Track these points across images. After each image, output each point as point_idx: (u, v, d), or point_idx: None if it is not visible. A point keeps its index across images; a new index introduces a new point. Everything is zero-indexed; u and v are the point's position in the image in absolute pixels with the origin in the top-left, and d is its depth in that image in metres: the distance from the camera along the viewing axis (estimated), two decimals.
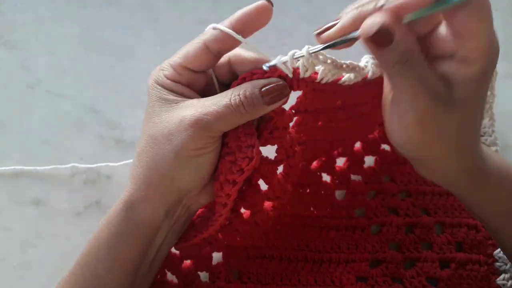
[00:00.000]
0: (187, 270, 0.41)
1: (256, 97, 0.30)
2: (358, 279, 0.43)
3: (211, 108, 0.30)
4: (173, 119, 0.31)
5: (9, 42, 0.52)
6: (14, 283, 0.43)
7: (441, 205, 0.46)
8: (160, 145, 0.31)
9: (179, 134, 0.30)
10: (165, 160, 0.31)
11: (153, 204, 0.33)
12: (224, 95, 0.31)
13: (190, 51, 0.32)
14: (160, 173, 0.32)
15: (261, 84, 0.31)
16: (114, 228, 0.33)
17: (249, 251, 0.42)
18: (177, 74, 0.32)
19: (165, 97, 0.32)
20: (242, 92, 0.30)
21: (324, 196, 0.45)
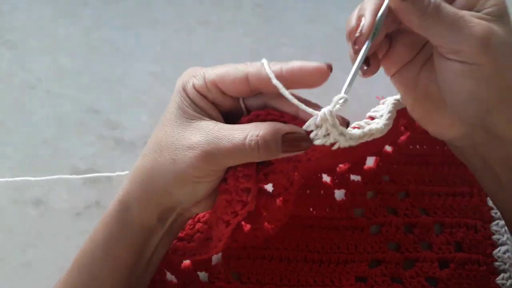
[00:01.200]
0: (187, 270, 0.41)
1: (277, 144, 0.28)
2: (357, 279, 0.43)
3: (223, 143, 0.29)
4: (183, 140, 0.30)
5: (9, 42, 0.52)
6: (15, 283, 0.43)
7: (440, 205, 0.46)
8: (163, 159, 0.30)
9: (183, 159, 0.29)
10: (164, 177, 0.31)
11: (146, 207, 0.32)
12: (241, 130, 0.29)
13: (230, 74, 0.30)
14: (156, 185, 0.31)
15: (284, 130, 0.29)
16: (109, 229, 0.33)
17: (248, 252, 0.43)
18: (206, 88, 0.30)
19: (185, 109, 0.30)
20: (262, 135, 0.28)
21: (324, 196, 0.45)
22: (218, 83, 0.30)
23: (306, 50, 0.53)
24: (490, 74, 0.29)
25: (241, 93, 0.31)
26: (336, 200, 0.45)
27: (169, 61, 0.53)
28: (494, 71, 0.28)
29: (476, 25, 0.27)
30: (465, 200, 0.46)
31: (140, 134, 0.49)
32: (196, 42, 0.54)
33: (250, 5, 0.56)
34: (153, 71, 0.51)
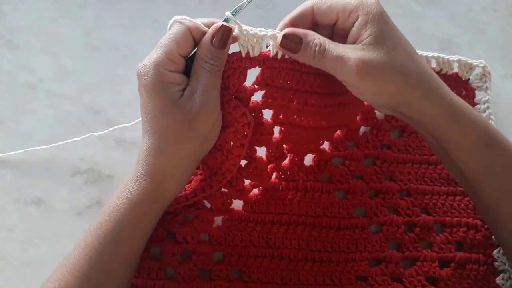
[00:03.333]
0: (188, 267, 0.41)
1: (215, 51, 0.35)
2: (357, 278, 0.43)
3: (202, 87, 0.35)
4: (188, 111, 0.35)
5: (10, 42, 0.53)
6: (15, 282, 0.43)
7: (441, 205, 0.46)
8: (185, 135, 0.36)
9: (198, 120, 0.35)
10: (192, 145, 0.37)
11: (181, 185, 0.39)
12: (199, 69, 0.36)
13: (179, 38, 0.36)
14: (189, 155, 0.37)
15: (208, 38, 0.35)
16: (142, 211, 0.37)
17: (249, 250, 0.43)
18: (175, 63, 0.36)
19: (171, 93, 0.35)
20: (205, 58, 0.35)
21: (324, 195, 0.45)
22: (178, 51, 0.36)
23: None
24: (375, 92, 0.36)
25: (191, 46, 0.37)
26: (337, 199, 0.45)
27: None
28: (377, 88, 0.35)
29: (351, 62, 0.34)
30: (466, 200, 0.46)
31: (141, 134, 0.49)
32: None
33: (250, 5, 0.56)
34: None
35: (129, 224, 0.37)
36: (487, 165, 0.38)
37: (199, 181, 0.42)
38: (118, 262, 0.37)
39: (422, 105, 0.36)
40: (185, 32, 0.36)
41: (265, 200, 0.44)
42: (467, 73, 0.49)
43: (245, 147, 0.40)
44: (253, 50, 0.37)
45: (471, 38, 0.56)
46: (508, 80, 0.53)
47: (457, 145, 0.38)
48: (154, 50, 0.36)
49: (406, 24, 0.56)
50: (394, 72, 0.35)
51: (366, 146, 0.47)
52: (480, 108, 0.49)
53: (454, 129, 0.37)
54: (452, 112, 0.37)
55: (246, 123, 0.38)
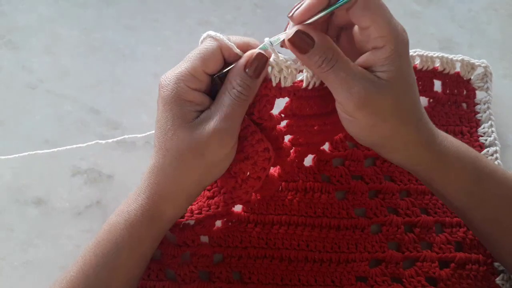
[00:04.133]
0: (187, 269, 0.41)
1: (247, 79, 0.33)
2: (357, 279, 0.43)
3: (223, 113, 0.33)
4: (199, 136, 0.33)
5: (10, 42, 0.53)
6: (15, 282, 0.43)
7: (441, 205, 0.46)
8: (190, 159, 0.34)
9: (209, 148, 0.33)
10: (198, 172, 0.35)
11: (180, 209, 0.37)
12: (223, 93, 0.33)
13: (207, 55, 0.33)
14: (192, 182, 0.35)
15: (242, 64, 0.33)
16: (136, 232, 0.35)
17: (249, 251, 0.43)
18: (198, 81, 0.34)
19: (186, 112, 0.33)
20: (235, 83, 0.33)
21: (324, 196, 0.45)
22: (204, 68, 0.34)
23: None
24: (365, 127, 0.34)
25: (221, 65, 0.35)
26: (337, 199, 0.45)
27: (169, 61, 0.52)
28: (370, 125, 0.34)
29: (355, 90, 0.32)
30: None
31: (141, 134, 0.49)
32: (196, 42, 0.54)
33: (250, 5, 0.56)
34: (154, 71, 0.51)
35: (126, 246, 0.35)
36: (477, 199, 0.37)
37: (207, 198, 0.41)
38: (116, 284, 0.36)
39: (410, 151, 0.35)
40: (215, 50, 0.33)
41: (265, 201, 0.44)
42: (468, 73, 0.49)
43: (261, 180, 0.38)
44: (285, 81, 0.35)
45: (471, 38, 0.56)
46: (508, 80, 0.53)
47: (443, 185, 0.37)
48: (180, 63, 0.34)
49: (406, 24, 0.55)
50: (396, 116, 0.33)
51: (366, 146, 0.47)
52: (481, 108, 0.49)
53: (440, 171, 0.36)
54: (438, 155, 0.36)
55: (267, 158, 0.37)
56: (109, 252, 0.35)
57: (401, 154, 0.36)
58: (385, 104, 0.33)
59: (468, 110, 0.50)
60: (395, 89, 0.33)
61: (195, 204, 0.41)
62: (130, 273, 0.37)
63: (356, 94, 0.32)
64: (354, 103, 0.32)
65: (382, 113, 0.33)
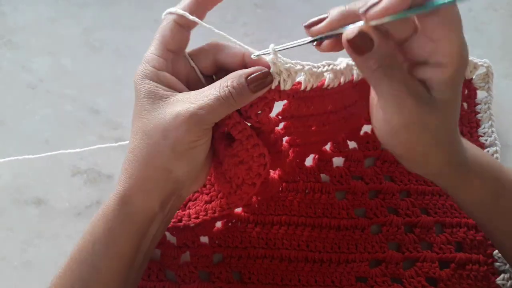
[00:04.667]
0: (187, 269, 0.41)
1: (244, 87, 0.31)
2: (357, 279, 0.43)
3: (203, 102, 0.31)
4: (167, 115, 0.31)
5: (10, 42, 0.53)
6: (15, 282, 0.43)
7: (441, 205, 0.46)
8: (156, 141, 0.32)
9: (174, 130, 0.31)
10: (162, 155, 0.32)
11: (149, 196, 0.33)
12: (213, 87, 0.32)
13: (165, 32, 0.33)
14: (157, 167, 0.33)
15: (246, 73, 0.32)
16: (110, 223, 0.33)
17: (249, 251, 0.43)
18: (162, 60, 0.33)
19: (155, 92, 0.32)
20: (230, 83, 0.31)
21: (324, 196, 0.45)
22: (165, 44, 0.33)
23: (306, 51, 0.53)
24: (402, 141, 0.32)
25: (185, 40, 0.34)
26: (337, 200, 0.45)
27: None
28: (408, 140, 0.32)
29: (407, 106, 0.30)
30: None
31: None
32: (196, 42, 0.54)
33: (250, 5, 0.56)
34: None
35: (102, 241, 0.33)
36: (497, 212, 0.36)
37: (204, 202, 0.41)
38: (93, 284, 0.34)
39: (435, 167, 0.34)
40: (171, 25, 0.33)
41: (265, 201, 0.44)
42: (470, 72, 0.49)
43: (256, 186, 0.37)
44: (285, 84, 0.33)
45: (471, 38, 0.55)
46: (508, 80, 0.53)
47: (463, 198, 0.37)
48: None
49: None
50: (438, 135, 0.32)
51: (366, 146, 0.47)
52: (481, 108, 0.49)
53: (459, 187, 0.36)
54: (460, 172, 0.35)
55: (263, 164, 0.36)
56: (86, 248, 0.34)
57: (426, 168, 0.35)
58: (432, 124, 0.31)
59: (469, 110, 0.50)
60: (445, 110, 0.31)
61: (193, 208, 0.41)
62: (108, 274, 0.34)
63: (407, 110, 0.30)
64: (403, 118, 0.31)
65: (423, 134, 0.31)
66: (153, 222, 0.35)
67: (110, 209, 0.33)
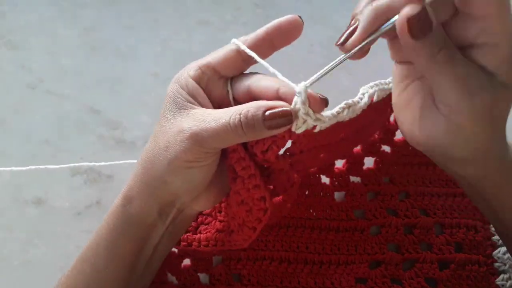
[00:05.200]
0: (187, 272, 0.41)
1: (258, 120, 0.29)
2: (357, 280, 0.43)
3: (209, 124, 0.29)
4: (174, 127, 0.31)
5: (10, 42, 0.53)
6: (15, 282, 0.43)
7: (440, 206, 0.46)
8: (158, 148, 0.32)
9: (175, 144, 0.30)
10: (159, 164, 0.32)
11: (146, 201, 0.33)
12: (226, 111, 0.30)
13: (221, 52, 0.32)
14: (154, 175, 0.32)
15: (266, 106, 0.29)
16: (112, 222, 0.34)
17: (249, 253, 0.43)
18: (199, 71, 0.32)
19: (176, 100, 0.31)
20: (244, 112, 0.29)
21: (324, 197, 0.45)
22: (213, 63, 0.32)
23: (306, 51, 0.53)
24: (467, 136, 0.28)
25: (236, 68, 0.32)
26: (336, 201, 0.45)
27: (169, 61, 0.53)
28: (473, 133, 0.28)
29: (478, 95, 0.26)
30: (465, 200, 0.46)
31: (141, 134, 0.49)
32: (196, 42, 0.54)
33: (250, 5, 0.56)
34: (153, 71, 0.51)
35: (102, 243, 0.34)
36: None
37: (216, 230, 0.40)
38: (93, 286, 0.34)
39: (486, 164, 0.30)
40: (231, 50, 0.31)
41: None
42: None
43: (256, 231, 0.35)
44: (297, 128, 0.30)
45: None
46: None
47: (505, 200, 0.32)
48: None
49: None
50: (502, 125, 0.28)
51: (366, 147, 0.47)
52: None
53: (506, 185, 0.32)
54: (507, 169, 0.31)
55: (263, 209, 0.33)
56: (91, 247, 0.34)
57: (475, 167, 0.31)
58: (503, 112, 0.28)
59: None
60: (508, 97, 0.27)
61: (204, 233, 0.40)
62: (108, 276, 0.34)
63: (479, 100, 0.26)
64: (475, 110, 0.27)
65: (494, 123, 0.28)
66: (153, 230, 0.34)
67: (114, 208, 0.34)
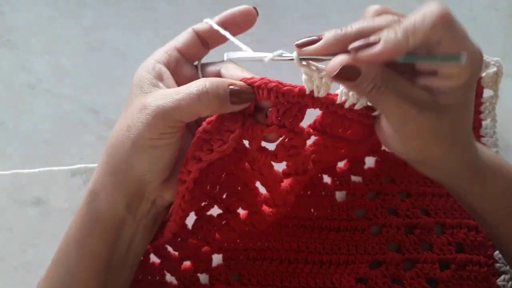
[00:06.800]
0: (187, 272, 0.41)
1: (225, 92, 0.29)
2: (357, 280, 0.43)
3: (172, 96, 0.29)
4: (136, 106, 0.30)
5: (9, 42, 0.52)
6: (15, 283, 0.43)
7: (441, 206, 0.46)
8: (121, 131, 0.31)
9: (137, 122, 0.29)
10: (122, 147, 0.30)
11: (112, 194, 0.32)
12: (190, 84, 0.30)
13: (180, 35, 0.35)
14: (117, 159, 0.31)
15: (230, 81, 0.30)
16: (80, 222, 0.33)
17: (249, 253, 0.43)
18: (168, 56, 0.34)
19: (142, 85, 0.31)
20: (209, 82, 0.29)
21: (324, 197, 0.45)
22: (174, 44, 0.34)
23: None
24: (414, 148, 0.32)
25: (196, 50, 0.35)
26: (337, 201, 0.45)
27: None
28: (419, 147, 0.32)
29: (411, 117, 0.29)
30: None
31: None
32: None
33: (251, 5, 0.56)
34: None
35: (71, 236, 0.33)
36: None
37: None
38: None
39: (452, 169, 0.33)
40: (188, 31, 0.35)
41: None
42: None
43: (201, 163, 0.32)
44: (319, 91, 0.31)
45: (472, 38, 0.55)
46: (509, 80, 0.53)
47: (478, 199, 0.35)
48: None
49: None
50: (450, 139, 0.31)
51: None
52: (486, 107, 0.49)
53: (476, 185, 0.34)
54: (476, 171, 0.34)
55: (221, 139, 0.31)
56: (62, 249, 0.33)
57: (442, 171, 0.34)
58: (441, 130, 0.30)
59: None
60: (456, 114, 0.30)
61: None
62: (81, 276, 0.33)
63: (412, 122, 0.29)
64: (410, 129, 0.30)
65: (436, 138, 0.31)
66: (124, 225, 0.33)
67: (81, 206, 0.33)
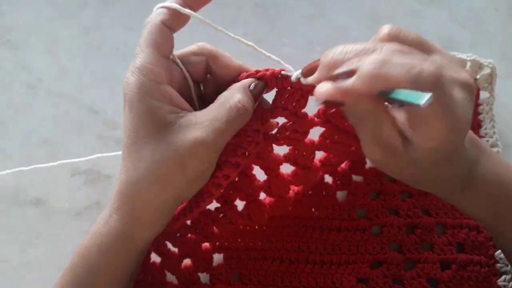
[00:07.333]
0: (187, 271, 0.41)
1: (252, 104, 0.31)
2: (358, 280, 0.43)
3: (218, 126, 0.29)
4: (180, 144, 0.28)
5: (9, 42, 0.52)
6: (15, 283, 0.43)
7: (442, 206, 0.45)
8: (168, 172, 0.29)
9: (192, 159, 0.29)
10: (175, 186, 0.30)
11: (155, 228, 0.32)
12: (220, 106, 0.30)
13: (155, 35, 0.30)
14: (168, 199, 0.30)
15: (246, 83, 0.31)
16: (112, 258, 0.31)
17: (250, 253, 0.42)
18: (160, 71, 0.29)
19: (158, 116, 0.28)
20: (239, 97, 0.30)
21: (325, 197, 0.45)
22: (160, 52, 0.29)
23: (306, 50, 0.53)
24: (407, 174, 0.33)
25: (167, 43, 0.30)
26: (338, 201, 0.45)
27: None
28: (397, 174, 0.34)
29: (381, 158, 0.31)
30: None
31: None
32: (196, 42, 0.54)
33: (250, 5, 0.56)
34: None
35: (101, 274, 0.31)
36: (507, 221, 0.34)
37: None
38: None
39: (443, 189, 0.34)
40: (160, 27, 0.30)
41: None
42: (475, 72, 0.49)
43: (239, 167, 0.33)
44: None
45: (472, 38, 0.55)
46: (508, 80, 0.53)
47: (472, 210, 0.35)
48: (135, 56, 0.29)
49: (407, 23, 0.55)
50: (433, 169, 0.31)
51: None
52: (483, 108, 0.49)
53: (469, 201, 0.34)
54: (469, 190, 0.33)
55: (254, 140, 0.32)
56: (84, 280, 0.32)
57: (432, 189, 0.35)
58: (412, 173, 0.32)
59: None
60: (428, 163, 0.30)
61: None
62: None
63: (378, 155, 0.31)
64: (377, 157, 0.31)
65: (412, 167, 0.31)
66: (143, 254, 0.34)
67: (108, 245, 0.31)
